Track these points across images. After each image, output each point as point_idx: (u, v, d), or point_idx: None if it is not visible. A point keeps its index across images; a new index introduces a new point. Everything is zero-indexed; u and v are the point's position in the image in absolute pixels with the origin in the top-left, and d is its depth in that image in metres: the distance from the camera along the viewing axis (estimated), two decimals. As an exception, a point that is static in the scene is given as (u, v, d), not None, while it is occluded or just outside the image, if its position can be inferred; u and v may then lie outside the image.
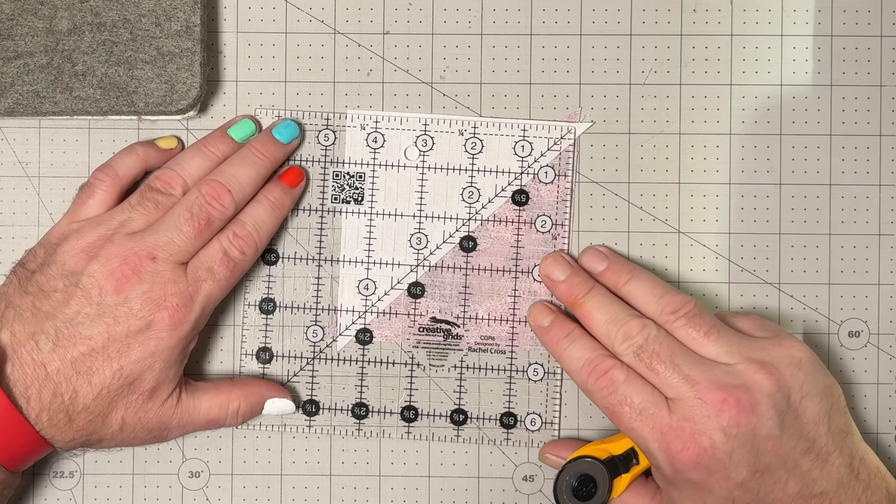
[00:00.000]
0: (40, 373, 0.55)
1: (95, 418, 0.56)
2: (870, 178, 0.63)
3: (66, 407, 0.56)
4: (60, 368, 0.55)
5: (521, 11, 0.63)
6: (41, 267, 0.57)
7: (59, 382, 0.55)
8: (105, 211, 0.59)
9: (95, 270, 0.56)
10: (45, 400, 0.55)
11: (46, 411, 0.55)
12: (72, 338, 0.56)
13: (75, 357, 0.56)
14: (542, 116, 0.63)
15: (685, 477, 0.56)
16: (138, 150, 0.61)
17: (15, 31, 0.60)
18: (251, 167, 0.60)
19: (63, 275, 0.57)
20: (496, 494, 0.64)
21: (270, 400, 0.62)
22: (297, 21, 0.63)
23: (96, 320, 0.56)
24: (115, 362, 0.56)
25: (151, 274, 0.56)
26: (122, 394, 0.57)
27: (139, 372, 0.57)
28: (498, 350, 0.63)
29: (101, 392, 0.56)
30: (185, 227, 0.57)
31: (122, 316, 0.56)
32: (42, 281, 0.57)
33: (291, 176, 0.62)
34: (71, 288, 0.56)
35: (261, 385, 0.62)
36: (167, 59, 0.60)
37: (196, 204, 0.58)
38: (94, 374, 0.56)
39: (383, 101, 0.63)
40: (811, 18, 0.63)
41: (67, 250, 0.57)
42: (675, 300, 0.58)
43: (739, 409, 0.55)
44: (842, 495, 0.56)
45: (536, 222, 0.63)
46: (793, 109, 0.63)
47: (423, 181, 0.63)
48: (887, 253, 0.64)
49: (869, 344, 0.64)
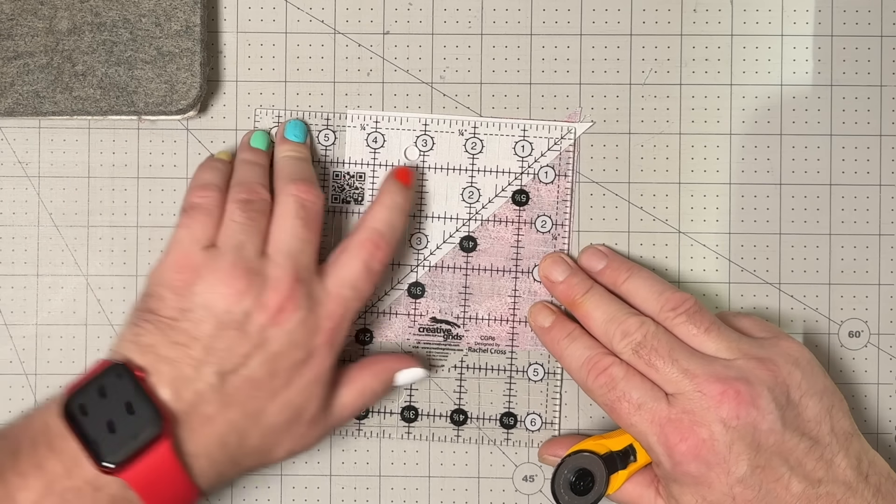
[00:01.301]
0: (207, 428, 0.53)
1: (262, 457, 0.55)
2: (870, 178, 0.63)
3: (233, 454, 0.54)
4: (228, 417, 0.53)
5: (521, 11, 0.63)
6: (182, 312, 0.54)
7: (227, 433, 0.53)
8: (215, 229, 0.57)
9: (250, 307, 0.54)
10: (214, 454, 0.53)
11: (215, 466, 0.53)
12: (236, 382, 0.53)
13: (242, 401, 0.54)
14: (542, 116, 0.63)
15: (684, 470, 0.56)
16: (216, 163, 0.60)
17: (15, 31, 0.60)
18: (306, 163, 0.60)
19: (213, 316, 0.54)
20: (496, 494, 0.64)
21: (400, 372, 0.61)
22: (297, 21, 0.63)
23: (257, 358, 0.54)
24: (280, 397, 0.54)
25: (304, 299, 0.55)
26: (289, 426, 0.55)
27: (304, 401, 0.55)
28: (498, 350, 0.63)
29: (268, 431, 0.54)
30: (304, 233, 0.56)
31: (285, 349, 0.54)
32: (189, 328, 0.54)
33: (404, 174, 0.61)
34: (226, 330, 0.54)
35: (386, 360, 0.61)
36: (167, 59, 0.60)
37: (302, 208, 0.57)
38: (262, 414, 0.54)
39: (383, 101, 0.63)
40: (811, 18, 0.63)
41: (209, 290, 0.54)
42: (675, 297, 0.58)
43: (739, 400, 0.55)
44: (849, 498, 0.55)
45: (536, 222, 0.63)
46: (793, 109, 0.63)
47: (423, 181, 0.63)
48: (887, 253, 0.64)
49: (869, 344, 0.64)
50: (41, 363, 0.63)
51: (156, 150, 0.63)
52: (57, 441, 0.52)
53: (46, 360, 0.63)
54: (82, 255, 0.63)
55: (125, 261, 0.63)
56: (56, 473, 0.51)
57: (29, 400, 0.63)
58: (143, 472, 0.51)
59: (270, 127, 0.63)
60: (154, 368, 0.53)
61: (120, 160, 0.63)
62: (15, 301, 0.63)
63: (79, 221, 0.63)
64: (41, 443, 0.52)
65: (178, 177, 0.63)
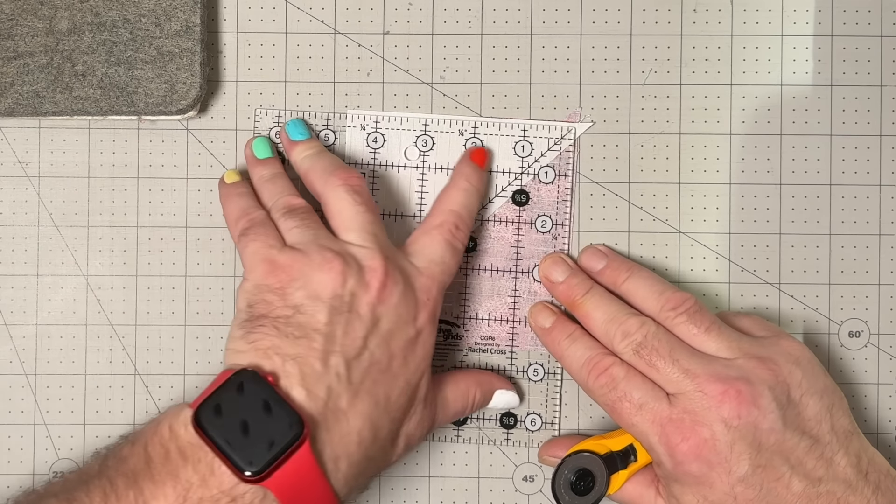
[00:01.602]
0: (343, 424, 0.52)
1: (388, 448, 0.55)
2: (870, 178, 0.63)
3: (368, 450, 0.53)
4: (359, 408, 0.53)
5: (521, 11, 0.63)
6: (293, 309, 0.53)
7: (362, 426, 0.53)
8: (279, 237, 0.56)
9: (354, 287, 0.54)
10: (353, 453, 0.52)
11: (354, 467, 0.52)
12: (361, 369, 0.53)
13: (369, 388, 0.53)
14: (542, 116, 0.63)
15: (685, 470, 0.56)
16: (236, 188, 0.60)
17: (15, 31, 0.60)
18: (326, 153, 0.60)
19: (323, 303, 0.53)
20: (496, 494, 0.64)
21: (500, 391, 0.61)
22: (297, 21, 0.63)
23: (374, 339, 0.54)
24: (401, 378, 0.54)
25: (399, 273, 0.55)
26: (408, 409, 0.55)
27: (419, 380, 0.55)
28: (498, 350, 0.63)
29: (395, 418, 0.54)
30: (369, 213, 0.57)
31: (395, 326, 0.54)
32: (305, 321, 0.53)
33: (480, 155, 0.61)
34: (340, 315, 0.53)
35: (490, 375, 0.62)
36: (167, 59, 0.60)
37: (354, 192, 0.57)
38: (388, 400, 0.54)
39: (383, 101, 0.63)
40: (811, 18, 0.63)
41: (310, 281, 0.54)
42: (676, 297, 0.58)
43: (740, 400, 0.55)
44: (849, 496, 0.55)
45: (537, 222, 0.63)
46: (793, 109, 0.63)
47: (423, 181, 0.63)
48: (887, 253, 0.64)
49: (869, 344, 0.64)
50: (41, 363, 0.63)
51: (156, 150, 0.63)
52: (189, 450, 0.50)
53: (46, 360, 0.63)
54: (82, 255, 0.63)
55: (125, 261, 0.63)
56: (191, 483, 0.50)
57: (29, 400, 0.63)
58: (284, 478, 0.50)
59: (270, 127, 0.63)
60: (283, 370, 0.52)
61: (120, 160, 0.63)
62: (15, 301, 0.63)
63: (79, 221, 0.63)
64: (173, 451, 0.50)
65: (178, 177, 0.63)
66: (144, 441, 0.51)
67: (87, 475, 0.51)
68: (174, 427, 0.51)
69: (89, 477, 0.51)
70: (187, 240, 0.63)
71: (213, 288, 0.63)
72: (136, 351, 0.63)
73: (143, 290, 0.63)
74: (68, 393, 0.63)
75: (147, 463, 0.50)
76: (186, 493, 0.50)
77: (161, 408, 0.63)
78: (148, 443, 0.51)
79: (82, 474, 0.52)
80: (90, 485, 0.50)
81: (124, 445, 0.52)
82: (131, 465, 0.51)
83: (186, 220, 0.63)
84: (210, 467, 0.50)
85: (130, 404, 0.63)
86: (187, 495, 0.50)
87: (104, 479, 0.50)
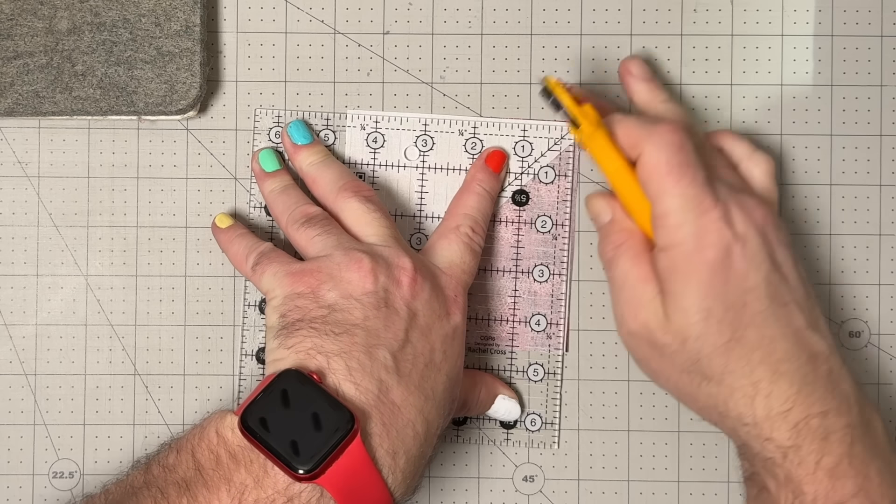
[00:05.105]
0: (398, 418, 0.51)
1: (434, 445, 0.54)
2: (870, 178, 0.63)
3: (422, 445, 0.52)
4: (413, 402, 0.52)
5: (521, 11, 0.63)
6: (328, 308, 0.53)
7: (416, 419, 0.52)
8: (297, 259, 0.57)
9: (386, 283, 0.54)
10: (410, 448, 0.52)
11: (412, 462, 0.52)
12: (407, 362, 0.53)
13: (418, 382, 0.53)
14: (542, 116, 0.63)
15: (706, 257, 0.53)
16: (234, 231, 0.60)
17: (15, 31, 0.60)
18: (332, 160, 0.61)
19: (358, 301, 0.53)
20: (496, 494, 0.64)
21: (502, 396, 0.61)
22: (297, 21, 0.63)
23: (415, 333, 0.54)
24: (444, 371, 0.54)
25: (425, 270, 0.56)
26: (449, 401, 0.55)
27: (456, 375, 0.55)
28: (498, 350, 0.63)
29: (441, 412, 0.54)
30: (385, 220, 0.57)
31: (431, 321, 0.54)
32: (343, 317, 0.53)
33: (495, 159, 0.62)
34: (377, 310, 0.53)
35: (496, 380, 0.62)
36: (167, 59, 0.60)
37: (367, 201, 0.58)
38: (435, 392, 0.53)
39: (383, 101, 0.63)
40: (811, 18, 0.63)
41: (340, 282, 0.53)
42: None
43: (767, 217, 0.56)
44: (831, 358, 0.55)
45: (537, 222, 0.63)
46: (793, 109, 0.63)
47: (423, 181, 0.63)
48: (887, 253, 0.64)
49: (869, 344, 0.64)
50: (41, 363, 0.63)
51: (156, 150, 0.63)
52: (240, 453, 0.50)
53: (46, 360, 0.63)
54: (82, 255, 0.63)
55: (125, 261, 0.63)
56: (245, 485, 0.50)
57: (29, 400, 0.63)
58: (338, 474, 0.50)
59: (270, 127, 0.63)
60: (328, 367, 0.52)
61: (120, 160, 0.63)
62: (15, 301, 0.63)
63: (79, 221, 0.63)
64: (223, 455, 0.50)
65: (178, 177, 0.63)
66: (191, 448, 0.51)
67: (133, 487, 0.51)
68: (221, 431, 0.51)
69: (135, 489, 0.51)
70: (187, 240, 0.63)
71: (212, 288, 0.63)
72: (135, 351, 0.63)
73: (143, 290, 0.63)
74: (68, 393, 0.63)
75: (198, 469, 0.50)
76: (241, 496, 0.49)
77: (161, 408, 0.63)
78: (195, 449, 0.51)
79: (127, 486, 0.51)
80: (139, 496, 0.50)
81: (169, 454, 0.52)
82: (181, 473, 0.50)
83: (186, 220, 0.63)
84: (263, 468, 0.50)
85: (130, 404, 0.63)
86: (242, 498, 0.49)
87: (154, 489, 0.50)
